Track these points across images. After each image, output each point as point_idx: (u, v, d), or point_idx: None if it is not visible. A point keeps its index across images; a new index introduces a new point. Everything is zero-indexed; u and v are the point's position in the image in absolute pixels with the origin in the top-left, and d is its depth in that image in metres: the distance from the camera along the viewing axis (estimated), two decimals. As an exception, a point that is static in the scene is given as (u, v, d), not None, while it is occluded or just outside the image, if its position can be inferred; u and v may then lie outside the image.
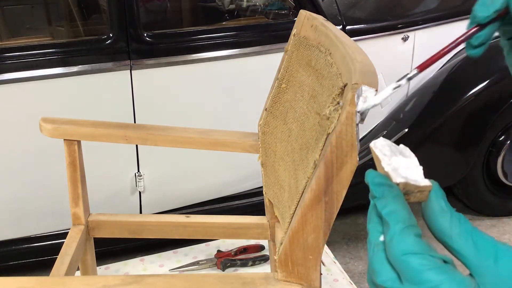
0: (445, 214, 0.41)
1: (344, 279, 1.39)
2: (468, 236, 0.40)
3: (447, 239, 0.40)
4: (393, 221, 0.40)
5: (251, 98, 1.92)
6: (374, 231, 0.42)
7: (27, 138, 1.72)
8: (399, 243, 0.39)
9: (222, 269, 1.43)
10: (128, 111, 1.82)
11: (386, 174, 0.43)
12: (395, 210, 0.40)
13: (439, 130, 2.16)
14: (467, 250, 0.39)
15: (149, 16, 2.18)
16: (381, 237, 0.41)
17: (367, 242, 0.42)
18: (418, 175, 0.43)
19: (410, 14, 2.32)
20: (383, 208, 0.41)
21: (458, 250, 0.40)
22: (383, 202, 0.41)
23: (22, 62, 1.67)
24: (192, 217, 1.27)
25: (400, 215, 0.40)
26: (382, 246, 0.40)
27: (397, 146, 0.47)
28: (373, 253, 0.41)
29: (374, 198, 0.42)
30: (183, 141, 1.19)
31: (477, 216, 2.39)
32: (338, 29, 0.96)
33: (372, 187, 0.43)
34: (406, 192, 0.42)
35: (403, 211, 0.40)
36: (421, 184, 0.42)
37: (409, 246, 0.38)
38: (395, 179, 0.42)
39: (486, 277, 0.38)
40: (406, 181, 0.42)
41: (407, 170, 0.43)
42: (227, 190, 2.10)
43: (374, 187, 0.43)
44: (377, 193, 0.42)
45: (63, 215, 1.70)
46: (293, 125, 1.01)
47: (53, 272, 1.04)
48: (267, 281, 0.84)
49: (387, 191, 0.42)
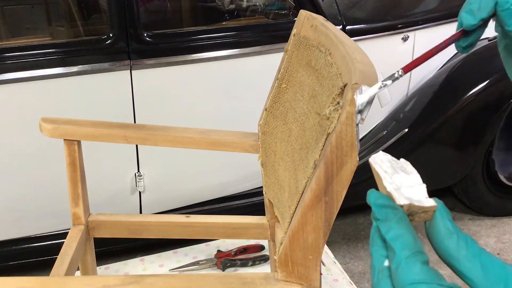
0: (451, 236, 0.40)
1: (344, 279, 1.39)
2: (476, 259, 0.38)
3: (454, 262, 0.39)
4: (398, 247, 0.38)
5: (251, 98, 1.92)
6: (378, 256, 0.40)
7: (27, 138, 1.72)
8: (406, 272, 0.37)
9: (222, 269, 1.43)
10: (128, 111, 1.82)
11: (389, 194, 0.41)
12: (400, 234, 0.39)
13: (439, 130, 2.16)
14: (475, 274, 0.38)
15: (149, 16, 2.18)
16: (386, 262, 0.39)
17: (371, 266, 0.41)
18: (421, 194, 0.41)
19: (410, 14, 2.32)
20: (387, 232, 0.39)
21: (466, 274, 0.38)
22: (386, 226, 0.40)
23: (22, 62, 1.67)
24: (192, 217, 1.27)
25: (406, 241, 0.38)
26: (388, 272, 0.39)
27: (398, 160, 0.45)
28: (378, 280, 0.39)
29: (377, 221, 0.41)
30: (183, 141, 1.19)
31: (477, 216, 2.39)
32: (338, 29, 0.96)
33: (375, 209, 0.41)
34: (411, 213, 0.40)
35: (408, 235, 0.39)
36: (426, 205, 0.40)
37: (417, 275, 0.37)
38: (399, 200, 0.40)
39: None
40: (410, 202, 0.40)
41: (410, 189, 0.41)
42: (227, 190, 2.10)
43: (376, 209, 0.41)
44: (380, 215, 0.40)
45: (63, 215, 1.70)
46: (293, 125, 1.01)
47: (53, 272, 1.04)
48: (267, 281, 0.84)
49: (391, 213, 0.40)
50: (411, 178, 0.42)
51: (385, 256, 0.40)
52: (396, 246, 0.38)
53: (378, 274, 0.39)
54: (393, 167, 0.43)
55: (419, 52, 2.29)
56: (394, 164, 0.44)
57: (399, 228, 0.39)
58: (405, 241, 0.38)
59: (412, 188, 0.42)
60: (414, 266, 0.37)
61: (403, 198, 0.40)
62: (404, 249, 0.38)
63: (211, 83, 1.91)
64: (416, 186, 0.42)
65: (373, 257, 0.41)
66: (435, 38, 2.51)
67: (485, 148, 2.22)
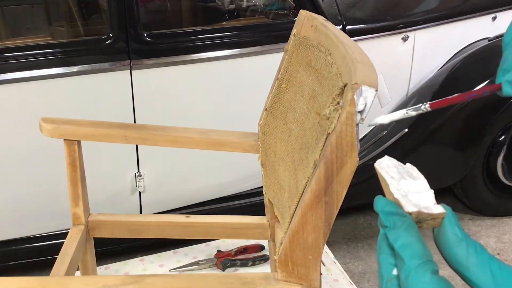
0: (460, 243, 0.39)
1: (344, 279, 1.39)
2: (486, 267, 0.38)
3: (464, 270, 0.38)
4: (407, 257, 0.38)
5: (251, 98, 1.92)
6: (386, 264, 0.39)
7: (27, 138, 1.72)
8: (416, 282, 0.37)
9: (222, 269, 1.43)
10: (128, 111, 1.82)
11: (396, 200, 0.40)
12: (409, 243, 0.38)
13: (439, 130, 2.16)
14: (485, 281, 0.37)
15: (149, 16, 2.18)
16: (395, 271, 0.39)
17: (378, 274, 0.40)
18: (429, 201, 0.40)
19: (410, 14, 2.32)
20: (396, 240, 0.39)
21: (476, 282, 0.38)
22: (395, 234, 0.39)
23: (22, 62, 1.67)
24: (192, 217, 1.27)
25: (415, 249, 0.38)
26: (396, 282, 0.38)
27: (404, 165, 0.44)
28: None
29: (385, 228, 0.40)
30: (183, 141, 1.19)
31: (477, 216, 2.39)
32: (338, 29, 0.96)
33: (383, 216, 0.40)
34: (419, 220, 0.40)
35: (417, 244, 0.38)
36: (434, 212, 0.40)
37: (426, 284, 0.36)
38: (407, 207, 0.40)
39: None
40: (418, 209, 0.39)
41: (418, 195, 0.41)
42: (227, 190, 2.10)
43: (384, 216, 0.40)
44: (388, 223, 0.40)
45: (63, 215, 1.70)
46: (293, 125, 1.01)
47: (53, 272, 1.04)
48: (267, 281, 0.84)
49: (399, 221, 0.39)
50: (418, 184, 0.42)
51: (394, 265, 0.39)
52: (405, 255, 0.38)
53: (387, 283, 0.39)
54: (399, 173, 0.42)
55: (419, 52, 2.29)
56: (400, 169, 0.43)
57: (408, 236, 0.39)
58: (415, 250, 0.38)
59: (420, 194, 0.41)
60: (424, 276, 0.37)
61: (411, 205, 0.40)
62: (414, 258, 0.37)
63: (211, 83, 1.91)
64: (424, 192, 0.41)
65: (381, 265, 0.40)
66: (435, 38, 2.52)
67: (485, 148, 2.22)
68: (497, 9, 2.49)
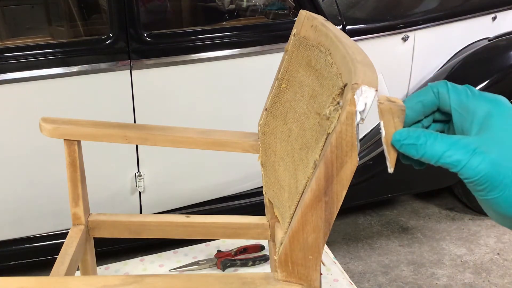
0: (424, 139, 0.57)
1: (344, 279, 1.39)
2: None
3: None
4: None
5: (251, 98, 1.92)
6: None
7: (27, 138, 1.72)
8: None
9: (222, 269, 1.43)
10: (128, 111, 1.82)
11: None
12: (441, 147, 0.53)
13: (439, 130, 2.16)
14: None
15: (149, 16, 2.18)
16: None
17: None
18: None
19: (410, 14, 2.32)
20: (435, 154, 0.54)
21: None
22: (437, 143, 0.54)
23: (22, 62, 1.67)
24: (192, 217, 1.27)
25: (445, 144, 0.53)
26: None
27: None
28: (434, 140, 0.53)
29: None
30: (183, 141, 1.19)
31: (477, 216, 2.39)
32: (338, 29, 0.96)
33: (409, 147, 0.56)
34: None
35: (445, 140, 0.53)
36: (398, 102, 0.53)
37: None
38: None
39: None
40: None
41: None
42: (227, 190, 2.10)
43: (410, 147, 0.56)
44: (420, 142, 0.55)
45: (63, 215, 1.70)
46: (293, 125, 1.01)
47: (53, 272, 1.04)
48: (267, 281, 0.84)
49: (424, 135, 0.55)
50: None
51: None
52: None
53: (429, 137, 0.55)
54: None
55: (419, 52, 2.29)
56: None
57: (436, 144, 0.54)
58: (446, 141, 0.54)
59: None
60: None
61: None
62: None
63: (211, 83, 1.91)
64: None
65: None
66: (435, 38, 2.53)
67: (485, 148, 2.22)
68: (497, 9, 2.49)
